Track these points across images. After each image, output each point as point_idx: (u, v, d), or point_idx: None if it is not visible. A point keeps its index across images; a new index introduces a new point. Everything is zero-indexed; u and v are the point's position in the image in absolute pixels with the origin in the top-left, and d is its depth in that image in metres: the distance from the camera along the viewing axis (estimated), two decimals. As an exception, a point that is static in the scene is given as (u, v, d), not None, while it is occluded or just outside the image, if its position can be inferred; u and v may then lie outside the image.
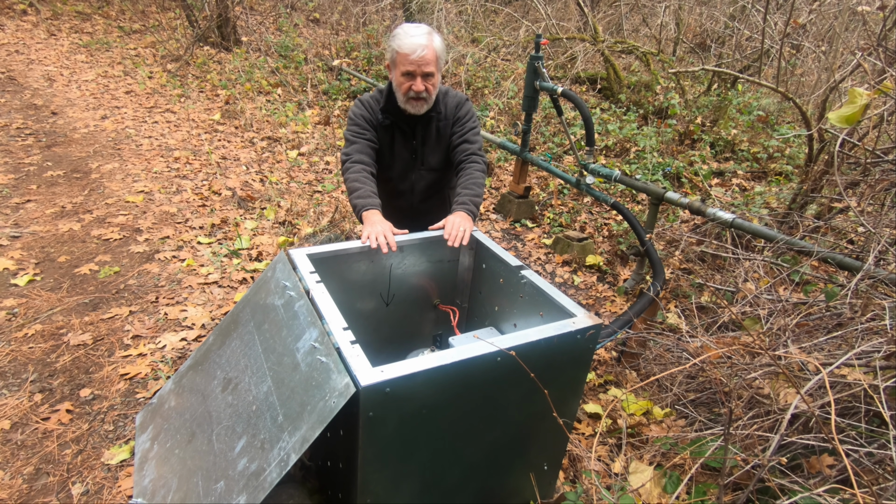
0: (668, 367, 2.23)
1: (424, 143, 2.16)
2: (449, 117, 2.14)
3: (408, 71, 1.93)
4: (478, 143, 2.14)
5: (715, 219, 2.79)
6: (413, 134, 2.14)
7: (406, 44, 1.90)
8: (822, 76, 5.49)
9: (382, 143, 2.16)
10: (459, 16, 8.33)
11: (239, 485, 1.28)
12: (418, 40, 1.89)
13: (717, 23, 7.54)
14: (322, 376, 1.25)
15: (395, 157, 2.17)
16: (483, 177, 2.09)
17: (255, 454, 1.29)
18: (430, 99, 2.02)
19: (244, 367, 1.53)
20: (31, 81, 6.68)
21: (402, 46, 1.91)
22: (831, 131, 3.04)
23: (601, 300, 3.28)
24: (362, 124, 2.09)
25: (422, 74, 1.94)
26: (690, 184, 4.65)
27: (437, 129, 2.15)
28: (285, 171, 4.85)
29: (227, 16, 8.23)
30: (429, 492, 1.48)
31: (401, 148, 2.16)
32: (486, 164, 2.15)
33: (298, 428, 1.22)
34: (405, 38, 1.90)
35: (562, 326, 1.44)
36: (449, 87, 2.19)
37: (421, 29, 1.93)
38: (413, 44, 1.89)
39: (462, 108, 2.15)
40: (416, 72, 1.93)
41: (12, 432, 2.07)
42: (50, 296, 2.88)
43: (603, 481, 1.89)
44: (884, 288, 1.98)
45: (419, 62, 1.91)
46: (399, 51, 1.92)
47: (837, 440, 1.12)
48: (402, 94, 2.00)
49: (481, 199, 2.03)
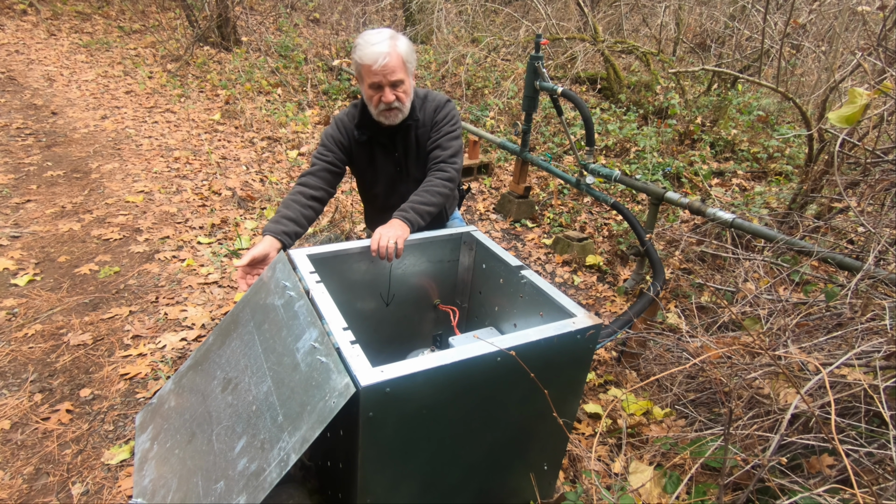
0: (668, 367, 2.23)
1: (407, 154, 2.07)
2: (427, 123, 2.04)
3: (374, 83, 1.83)
4: (451, 150, 2.01)
5: (715, 219, 2.79)
6: (394, 146, 2.04)
7: (367, 54, 1.79)
8: (822, 76, 5.49)
9: (362, 161, 2.08)
10: (459, 16, 8.33)
11: (239, 485, 1.28)
12: (379, 48, 1.79)
13: (717, 23, 7.54)
14: (322, 376, 1.25)
15: (379, 173, 2.09)
16: (444, 185, 1.96)
17: (255, 454, 1.29)
18: (404, 108, 1.92)
19: (244, 367, 1.53)
20: (31, 81, 6.68)
21: (363, 58, 1.80)
22: (831, 131, 3.04)
23: (601, 300, 3.28)
24: (328, 145, 2.02)
25: (389, 84, 1.84)
26: (690, 184, 4.65)
27: (417, 137, 2.04)
28: (285, 171, 4.85)
29: (227, 16, 8.23)
30: (429, 492, 1.48)
31: (383, 162, 2.07)
32: (457, 170, 2.01)
33: (298, 428, 1.22)
34: (365, 48, 1.80)
35: (562, 326, 1.44)
36: (429, 91, 2.09)
37: (382, 34, 1.82)
38: (374, 52, 1.78)
39: (440, 112, 2.04)
40: (382, 82, 1.83)
41: (12, 432, 2.07)
42: (50, 296, 2.88)
43: (603, 481, 1.89)
44: (884, 288, 1.98)
45: (383, 71, 1.80)
46: (361, 63, 1.82)
47: (837, 440, 1.12)
48: (373, 108, 1.91)
49: (433, 206, 1.90)
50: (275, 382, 1.38)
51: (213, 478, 1.37)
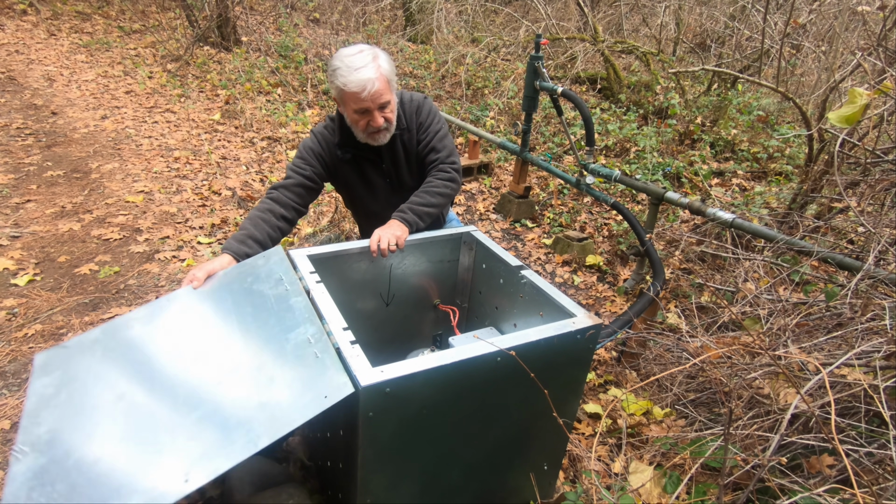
0: (668, 367, 2.23)
1: (395, 164, 2.01)
2: (411, 128, 1.97)
3: (361, 108, 1.76)
4: (446, 150, 1.97)
5: (715, 219, 2.79)
6: (381, 159, 1.98)
7: (352, 81, 1.70)
8: (822, 76, 5.49)
9: (350, 179, 2.02)
10: (459, 16, 8.33)
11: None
12: (365, 74, 1.69)
13: (717, 23, 7.54)
14: (316, 371, 1.24)
15: (372, 187, 2.04)
16: (445, 185, 1.93)
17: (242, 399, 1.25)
18: (392, 126, 1.86)
19: (213, 337, 1.46)
20: (31, 81, 6.68)
21: (347, 84, 1.70)
22: (831, 131, 3.04)
23: (601, 300, 3.28)
24: (307, 157, 1.93)
25: (377, 108, 1.77)
26: (690, 184, 4.65)
27: (403, 144, 1.98)
28: (285, 170, 4.85)
29: (227, 16, 8.22)
30: (429, 492, 1.48)
31: (374, 177, 2.02)
32: (457, 170, 1.98)
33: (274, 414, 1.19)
34: (349, 75, 1.70)
35: (562, 326, 1.44)
36: (402, 92, 1.99)
37: (364, 56, 1.72)
38: (360, 80, 1.69)
39: (421, 114, 1.97)
40: (370, 107, 1.76)
41: (12, 432, 2.07)
42: (50, 296, 2.87)
43: (603, 481, 1.89)
44: (884, 288, 1.98)
45: (373, 98, 1.73)
46: (346, 90, 1.71)
47: (837, 440, 1.12)
48: (360, 132, 1.84)
49: (432, 207, 1.87)
50: (254, 360, 1.35)
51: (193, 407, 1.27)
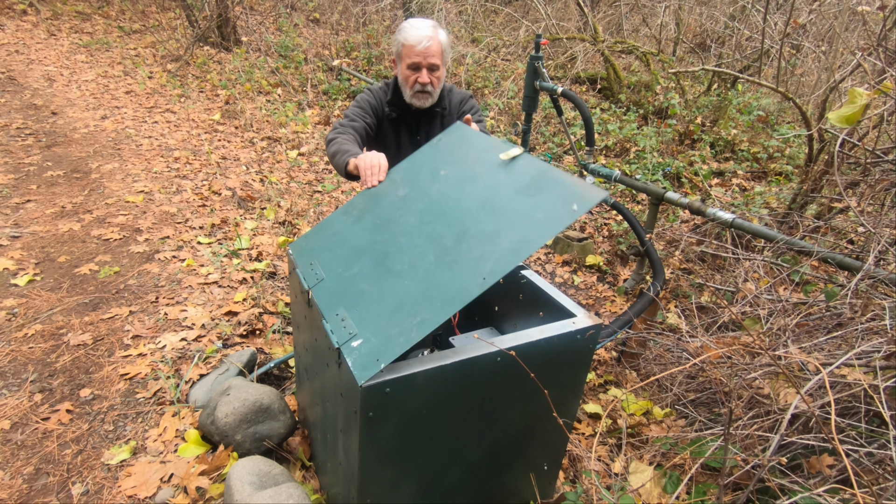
0: (668, 367, 2.23)
1: (429, 138, 2.15)
2: (454, 113, 2.18)
3: (413, 63, 1.97)
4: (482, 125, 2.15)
5: (715, 219, 2.79)
6: (417, 129, 2.16)
7: (412, 35, 1.95)
8: (822, 76, 5.49)
9: (388, 137, 2.18)
10: (459, 16, 8.32)
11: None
12: (424, 32, 1.95)
13: (717, 23, 7.54)
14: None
15: (401, 152, 2.18)
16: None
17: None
18: (435, 93, 2.06)
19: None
20: (31, 81, 6.68)
21: (407, 38, 1.96)
22: (831, 131, 3.04)
23: (601, 300, 3.28)
24: (367, 108, 2.11)
25: (427, 66, 1.98)
26: (690, 184, 4.65)
27: (442, 124, 2.17)
28: (285, 171, 4.85)
29: (227, 16, 8.23)
30: (429, 492, 1.48)
31: (406, 143, 2.19)
32: None
33: None
34: (411, 31, 1.96)
35: (562, 326, 1.44)
36: (453, 85, 2.25)
37: (426, 22, 1.99)
38: (419, 35, 1.95)
39: (467, 104, 2.19)
40: (421, 63, 1.97)
41: (12, 432, 2.07)
42: (50, 296, 2.87)
43: (603, 481, 1.89)
44: (884, 288, 1.98)
45: (425, 53, 1.96)
46: (405, 42, 1.97)
47: (837, 440, 1.12)
48: (408, 89, 2.04)
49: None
50: None
51: None
